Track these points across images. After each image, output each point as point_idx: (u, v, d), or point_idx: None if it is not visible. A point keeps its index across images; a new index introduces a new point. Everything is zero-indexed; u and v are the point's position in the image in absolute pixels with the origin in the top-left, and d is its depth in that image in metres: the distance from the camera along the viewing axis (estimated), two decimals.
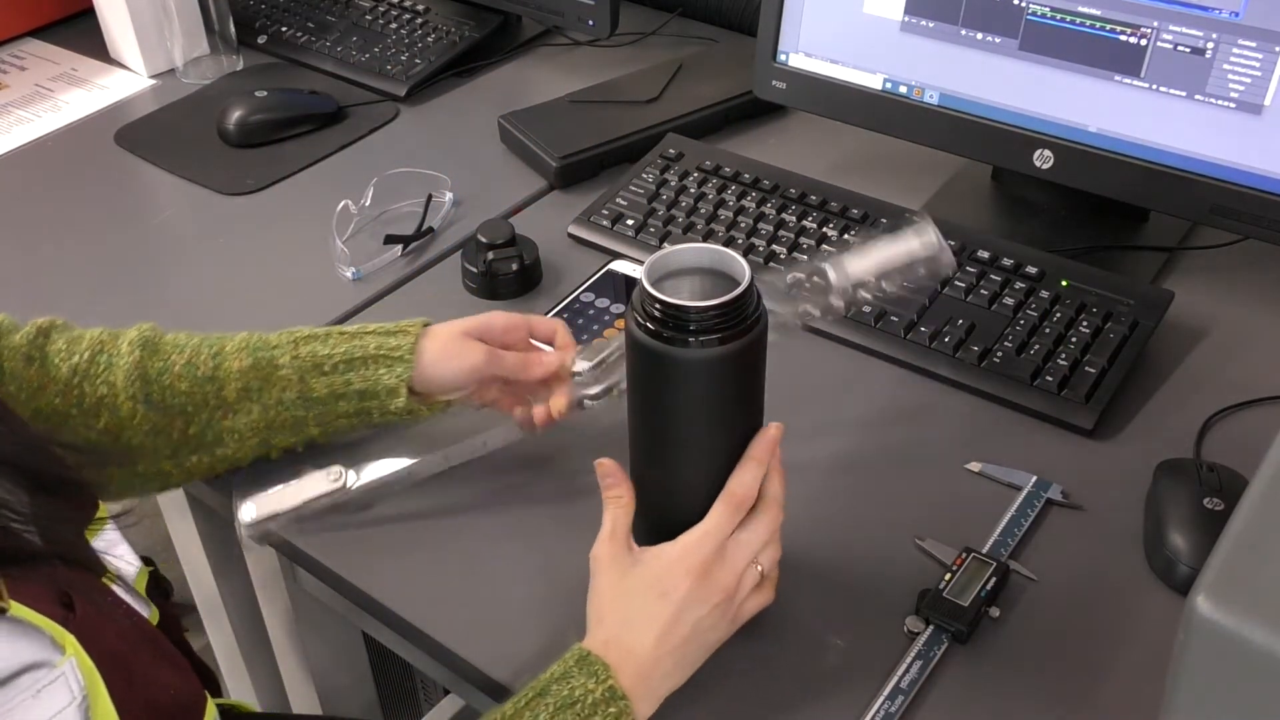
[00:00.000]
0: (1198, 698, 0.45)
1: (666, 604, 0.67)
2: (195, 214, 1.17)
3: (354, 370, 0.79)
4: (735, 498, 0.68)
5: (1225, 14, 0.88)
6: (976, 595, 0.75)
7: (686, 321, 0.63)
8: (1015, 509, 0.82)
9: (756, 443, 0.69)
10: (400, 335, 0.80)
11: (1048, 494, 0.83)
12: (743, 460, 0.69)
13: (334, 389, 0.79)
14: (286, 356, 0.79)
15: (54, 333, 0.80)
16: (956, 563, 0.77)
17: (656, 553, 0.68)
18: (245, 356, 0.79)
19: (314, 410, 0.80)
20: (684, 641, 0.67)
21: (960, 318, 0.95)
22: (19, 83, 1.38)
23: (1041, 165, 1.00)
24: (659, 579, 0.67)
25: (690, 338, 0.63)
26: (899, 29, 1.03)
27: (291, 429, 0.81)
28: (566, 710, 0.64)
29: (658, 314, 0.64)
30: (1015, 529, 0.80)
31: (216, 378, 0.78)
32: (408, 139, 1.26)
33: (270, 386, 0.79)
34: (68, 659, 0.55)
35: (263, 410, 0.79)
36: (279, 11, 1.46)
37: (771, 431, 0.69)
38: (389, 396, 0.79)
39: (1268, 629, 0.41)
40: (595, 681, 0.64)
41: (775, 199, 1.08)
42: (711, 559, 0.67)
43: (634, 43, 1.41)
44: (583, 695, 0.64)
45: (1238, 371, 0.93)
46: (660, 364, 0.65)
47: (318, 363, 0.79)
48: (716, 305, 0.63)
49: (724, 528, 0.68)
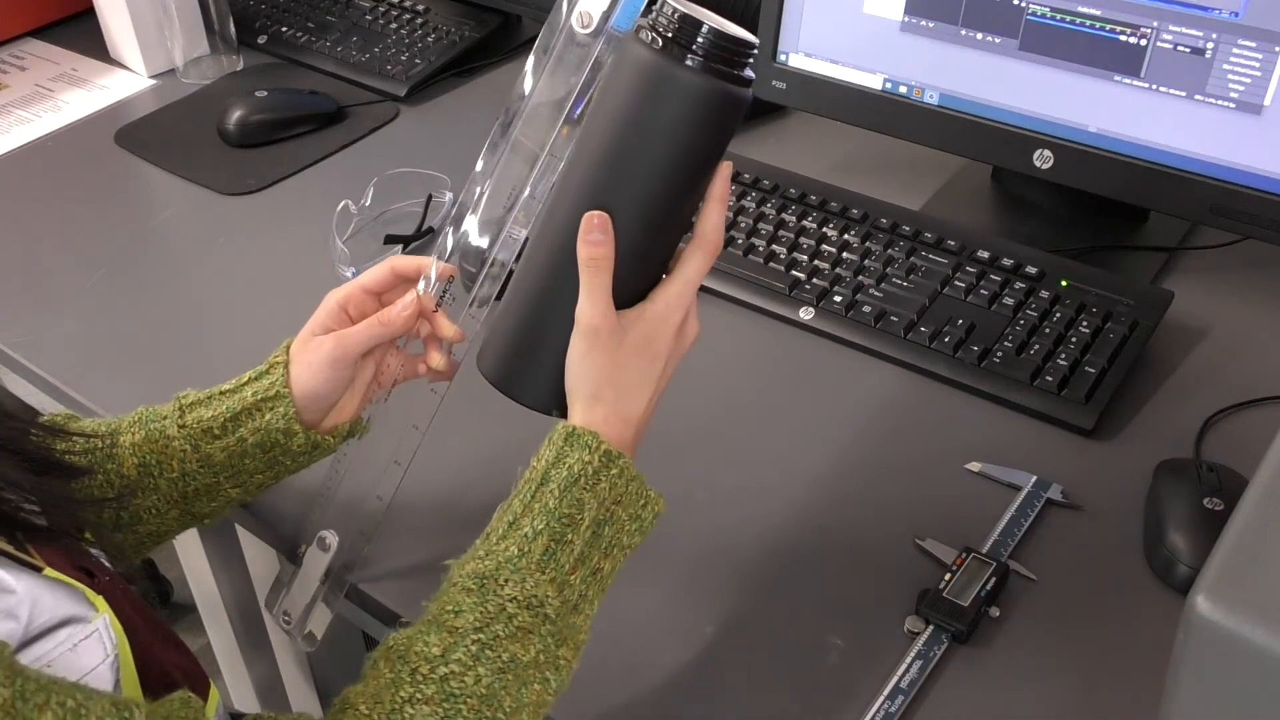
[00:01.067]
0: (1198, 698, 0.45)
1: (657, 364, 0.67)
2: (195, 214, 1.17)
3: (242, 425, 0.76)
4: (709, 242, 0.66)
5: (1225, 14, 0.88)
6: (976, 595, 0.75)
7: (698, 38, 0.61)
8: (1015, 509, 0.82)
9: (716, 182, 0.66)
10: (271, 371, 0.76)
11: (1048, 494, 0.83)
12: (708, 202, 0.66)
13: (230, 450, 0.76)
14: (174, 427, 0.76)
15: None
16: (956, 563, 0.77)
17: (639, 313, 0.66)
18: (136, 430, 0.76)
19: (223, 474, 0.77)
20: (661, 391, 0.68)
21: (960, 318, 0.95)
22: (19, 83, 1.38)
23: (1041, 165, 1.00)
24: (649, 341, 0.66)
25: (700, 58, 0.61)
26: (899, 29, 1.03)
27: (207, 495, 0.77)
28: (572, 488, 0.64)
29: (675, 25, 0.61)
30: (1015, 529, 0.80)
31: (115, 456, 0.76)
32: (408, 139, 1.26)
33: (169, 459, 0.76)
34: (100, 616, 0.56)
35: (169, 485, 0.76)
36: (279, 11, 1.46)
37: (726, 170, 0.66)
38: (287, 439, 0.76)
39: (1268, 629, 0.41)
40: (589, 452, 0.64)
41: (775, 199, 1.08)
42: (690, 310, 0.67)
43: None
44: (581, 469, 0.64)
45: (1238, 371, 0.93)
46: (660, 84, 0.61)
47: (205, 428, 0.76)
48: (733, 33, 0.61)
49: (699, 273, 0.67)
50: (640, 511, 0.66)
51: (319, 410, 0.77)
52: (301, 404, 0.75)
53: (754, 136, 1.24)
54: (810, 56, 1.09)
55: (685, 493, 0.84)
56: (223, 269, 1.09)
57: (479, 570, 0.63)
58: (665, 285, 0.66)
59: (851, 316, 0.97)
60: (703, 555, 0.80)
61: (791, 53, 1.10)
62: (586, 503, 0.64)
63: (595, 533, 0.64)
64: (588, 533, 0.64)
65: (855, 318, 0.97)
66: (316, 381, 0.75)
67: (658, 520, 0.67)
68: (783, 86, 1.11)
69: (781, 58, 1.10)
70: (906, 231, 1.02)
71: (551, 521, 0.63)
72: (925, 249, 1.01)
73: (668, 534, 0.81)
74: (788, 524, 0.82)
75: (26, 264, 1.10)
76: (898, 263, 1.00)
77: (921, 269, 0.99)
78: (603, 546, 0.64)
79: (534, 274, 0.67)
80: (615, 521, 0.65)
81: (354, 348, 0.75)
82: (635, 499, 0.65)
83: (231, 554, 1.12)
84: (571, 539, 0.63)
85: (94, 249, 1.12)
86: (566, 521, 0.63)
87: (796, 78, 1.10)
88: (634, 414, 0.66)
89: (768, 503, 0.84)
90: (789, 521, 0.83)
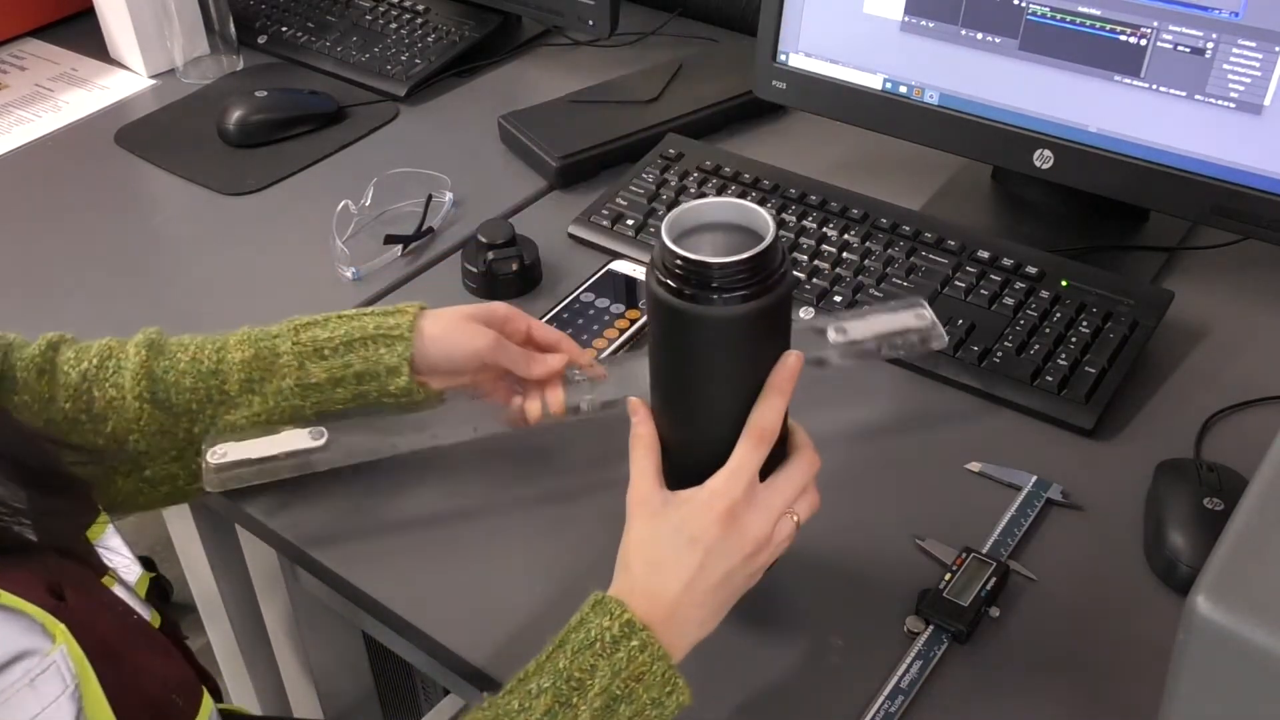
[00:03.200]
0: (1198, 698, 0.45)
1: (695, 550, 0.64)
2: (195, 214, 1.17)
3: (353, 351, 0.79)
4: (757, 430, 0.65)
5: (1225, 14, 0.88)
6: (976, 595, 0.75)
7: (709, 278, 0.60)
8: (1015, 509, 0.82)
9: (776, 373, 0.65)
10: (399, 314, 0.80)
11: (1048, 494, 0.83)
12: (763, 393, 0.65)
13: (332, 373, 0.79)
14: (287, 344, 0.79)
15: (63, 346, 0.81)
16: (956, 563, 0.77)
17: (686, 496, 0.66)
18: (247, 348, 0.79)
19: (311, 398, 0.79)
20: (712, 590, 0.65)
21: (960, 318, 0.95)
22: (19, 83, 1.38)
23: (1041, 165, 1.00)
24: (687, 523, 0.65)
25: (714, 295, 0.61)
26: (899, 29, 1.03)
27: (289, 419, 0.80)
28: (585, 652, 0.62)
29: (679, 270, 0.61)
30: (1015, 529, 0.80)
31: (220, 370, 0.79)
32: (408, 139, 1.26)
33: (271, 376, 0.79)
34: (58, 647, 0.55)
35: (262, 401, 0.79)
36: (279, 11, 1.46)
37: (791, 361, 0.65)
38: (389, 376, 0.78)
39: (1268, 629, 0.41)
40: (610, 619, 0.63)
41: (775, 199, 1.08)
42: (741, 502, 0.65)
43: (634, 43, 1.41)
44: (599, 635, 0.62)
45: (1238, 371, 0.93)
46: (682, 322, 0.62)
47: (317, 347, 0.79)
48: (741, 261, 0.60)
49: (750, 464, 0.65)
50: (664, 698, 0.63)
51: (429, 370, 0.80)
52: (419, 355, 0.79)
53: (754, 136, 1.24)
54: (810, 56, 1.09)
55: None
56: (223, 269, 1.09)
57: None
58: (717, 474, 0.66)
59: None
60: None
61: (791, 53, 1.10)
62: (600, 669, 0.62)
63: (608, 706, 0.61)
64: (597, 702, 0.61)
65: None
66: (453, 352, 0.80)
67: (681, 711, 0.64)
68: (783, 86, 1.11)
69: (781, 58, 1.10)
70: (906, 231, 1.02)
71: (559, 682, 0.62)
72: (925, 249, 1.01)
73: None
74: None
75: (26, 264, 1.10)
76: (898, 263, 1.00)
77: (921, 269, 0.99)
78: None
79: None
80: (634, 700, 0.62)
81: (503, 359, 0.79)
82: (659, 682, 0.63)
83: (231, 554, 1.12)
84: (577, 703, 0.61)
85: (94, 249, 1.12)
86: (574, 685, 0.62)
87: (796, 78, 1.10)
88: (663, 594, 0.64)
89: None
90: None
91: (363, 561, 0.80)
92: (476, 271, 1.02)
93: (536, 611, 0.76)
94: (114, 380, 0.78)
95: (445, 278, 1.06)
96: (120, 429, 0.78)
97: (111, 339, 0.81)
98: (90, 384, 0.78)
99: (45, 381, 0.78)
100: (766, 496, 0.66)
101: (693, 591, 0.64)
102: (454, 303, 1.02)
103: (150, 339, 0.80)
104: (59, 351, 0.80)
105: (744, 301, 0.61)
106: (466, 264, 1.03)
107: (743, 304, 0.61)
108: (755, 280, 0.61)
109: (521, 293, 1.03)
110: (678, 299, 0.62)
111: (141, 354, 0.79)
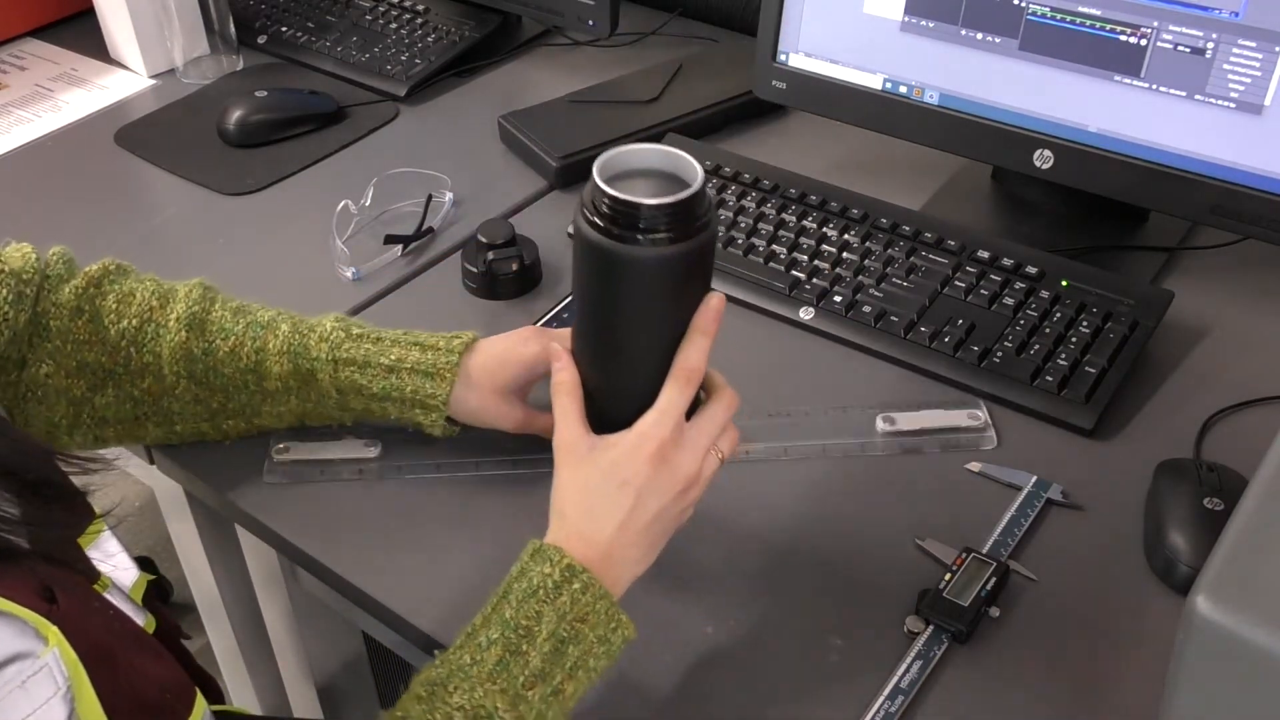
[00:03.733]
0: (1198, 698, 0.45)
1: (627, 492, 0.66)
2: (195, 214, 1.17)
3: (390, 404, 0.81)
4: (685, 372, 0.67)
5: (1225, 14, 0.88)
6: (976, 595, 0.75)
7: (637, 219, 0.62)
8: (1015, 509, 0.82)
9: (701, 314, 0.67)
10: (436, 381, 0.80)
11: (1048, 494, 0.83)
12: (689, 334, 0.67)
13: (370, 409, 0.82)
14: (326, 376, 0.81)
15: (106, 284, 0.82)
16: (956, 563, 0.77)
17: (614, 440, 0.68)
18: (286, 361, 0.81)
19: (348, 408, 0.83)
20: (645, 529, 0.67)
21: (960, 318, 0.95)
22: (19, 83, 1.38)
23: (1041, 165, 1.00)
24: (617, 466, 0.67)
25: (640, 235, 0.62)
26: (899, 29, 1.03)
27: (327, 420, 0.85)
28: (529, 600, 0.64)
29: (608, 210, 0.63)
30: (1015, 529, 0.80)
31: (258, 372, 0.81)
32: (408, 139, 1.26)
33: (309, 390, 0.82)
34: (51, 649, 0.55)
35: (300, 403, 0.82)
36: (279, 11, 1.46)
37: (714, 302, 0.67)
38: (424, 414, 0.82)
39: (1268, 629, 0.41)
40: (550, 565, 0.64)
41: (775, 199, 1.08)
42: (669, 442, 0.67)
43: (634, 43, 1.41)
44: (541, 582, 0.64)
45: (1238, 371, 0.93)
46: (608, 262, 0.64)
47: (356, 388, 0.81)
48: (668, 204, 0.62)
49: (678, 405, 0.67)
50: (610, 634, 0.65)
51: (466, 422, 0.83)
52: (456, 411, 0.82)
53: (754, 136, 1.24)
54: (810, 56, 1.09)
55: None
56: (223, 269, 1.09)
57: (430, 678, 0.63)
58: (646, 415, 0.67)
59: (851, 316, 0.97)
60: (703, 555, 0.80)
61: (791, 53, 1.10)
62: (545, 615, 0.64)
63: (557, 649, 0.64)
64: (546, 646, 0.63)
65: (855, 318, 0.97)
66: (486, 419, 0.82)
67: (626, 645, 0.67)
68: (783, 86, 1.11)
69: (781, 58, 1.10)
70: (906, 231, 1.02)
71: (507, 631, 0.64)
72: (925, 249, 1.01)
73: None
74: (788, 524, 0.82)
75: None
76: (898, 263, 1.00)
77: (921, 269, 0.99)
78: (567, 666, 0.64)
79: None
80: (582, 641, 0.64)
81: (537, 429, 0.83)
82: (604, 620, 0.65)
83: (231, 554, 1.12)
84: (526, 650, 0.63)
85: (94, 249, 1.11)
86: (522, 633, 0.63)
87: (796, 78, 1.10)
88: (598, 536, 0.66)
89: (768, 502, 0.84)
90: (789, 521, 0.83)
91: (363, 561, 0.80)
92: (476, 271, 1.02)
93: None
94: (152, 348, 0.80)
95: (445, 278, 1.06)
96: (155, 390, 0.81)
97: (154, 294, 0.82)
98: (129, 344, 0.80)
99: (83, 323, 0.80)
100: (693, 436, 0.68)
101: (627, 531, 0.66)
102: (454, 302, 1.03)
103: (192, 314, 0.81)
104: (102, 291, 0.81)
105: (670, 244, 0.63)
106: (466, 264, 1.03)
107: (669, 246, 0.63)
108: (681, 223, 0.63)
109: (521, 293, 1.03)
110: (605, 239, 0.63)
111: (182, 334, 0.80)
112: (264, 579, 1.08)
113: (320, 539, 0.82)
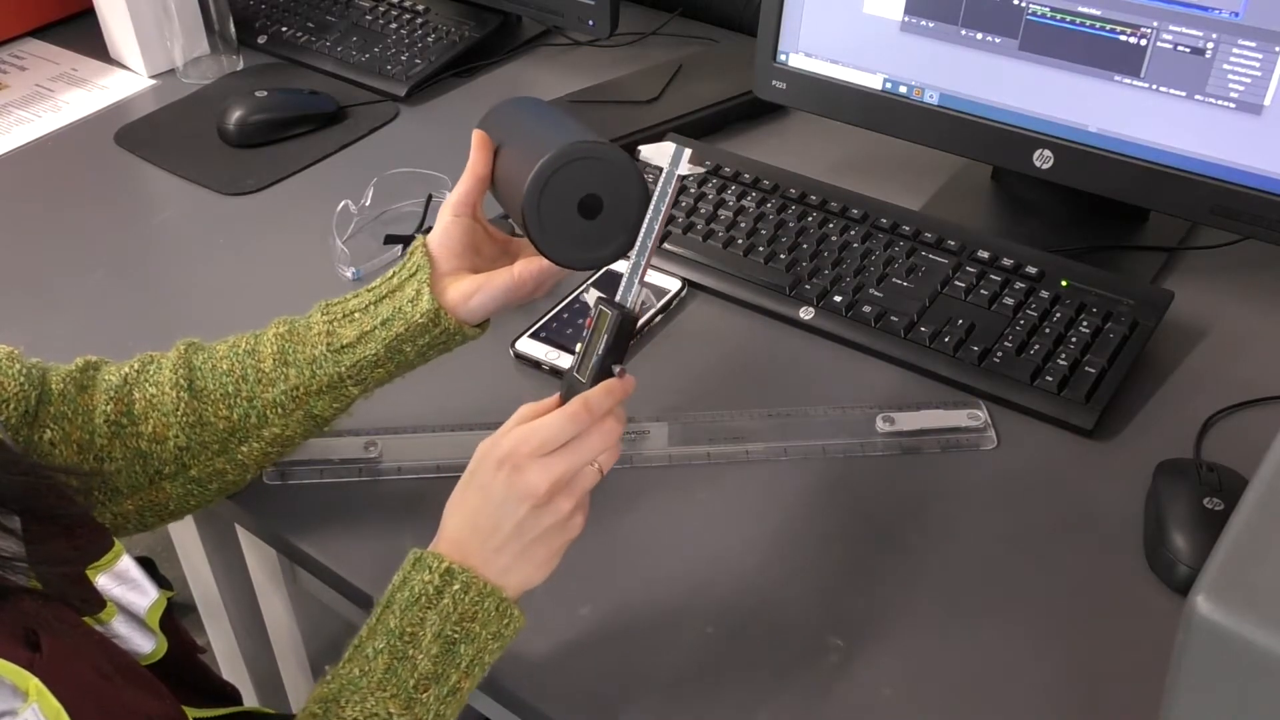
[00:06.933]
0: (1198, 698, 0.45)
1: (486, 495, 0.66)
2: (195, 214, 1.17)
3: (380, 303, 0.79)
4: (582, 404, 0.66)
5: (1225, 14, 0.88)
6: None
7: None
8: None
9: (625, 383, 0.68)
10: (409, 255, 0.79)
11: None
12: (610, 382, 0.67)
13: (361, 327, 0.78)
14: (319, 315, 0.79)
15: (100, 364, 0.81)
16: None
17: (485, 448, 0.68)
18: (282, 324, 0.80)
19: (345, 361, 0.78)
20: (510, 537, 0.66)
21: (960, 318, 0.95)
22: (19, 83, 1.38)
23: (1041, 165, 1.00)
24: (471, 474, 0.68)
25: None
26: (899, 29, 1.03)
27: (330, 391, 0.79)
28: (412, 607, 0.65)
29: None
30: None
31: (256, 350, 0.79)
32: (408, 139, 1.26)
33: (304, 345, 0.78)
34: (30, 705, 0.55)
35: (298, 372, 0.78)
36: (279, 11, 1.46)
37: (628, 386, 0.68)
38: (413, 306, 0.77)
39: (1268, 629, 0.41)
40: (429, 572, 0.65)
41: (775, 199, 1.08)
42: (525, 455, 0.65)
43: (634, 43, 1.41)
44: (423, 589, 0.65)
45: (1238, 371, 0.93)
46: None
47: (347, 311, 0.79)
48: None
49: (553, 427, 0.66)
50: (504, 630, 0.66)
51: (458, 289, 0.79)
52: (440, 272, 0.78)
53: (754, 136, 1.24)
54: (810, 56, 1.09)
55: (685, 492, 0.84)
56: (223, 269, 1.09)
57: (323, 695, 0.64)
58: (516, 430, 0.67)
59: (851, 316, 0.97)
60: (703, 555, 0.80)
61: (791, 53, 1.10)
62: (429, 619, 0.64)
63: (447, 650, 0.64)
64: (434, 649, 0.64)
65: (855, 318, 0.97)
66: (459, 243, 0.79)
67: (516, 634, 0.67)
68: (783, 86, 1.11)
69: (781, 58, 1.11)
70: (906, 231, 1.02)
71: (392, 640, 0.64)
72: (925, 249, 1.01)
73: (668, 533, 0.81)
74: (788, 523, 0.82)
75: (26, 264, 1.10)
76: (898, 263, 1.00)
77: (921, 269, 0.99)
78: (462, 666, 0.65)
79: None
80: (474, 639, 0.65)
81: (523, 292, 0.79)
82: (496, 616, 0.66)
83: (231, 554, 1.12)
84: (413, 655, 0.64)
85: (94, 249, 1.12)
86: (408, 639, 0.64)
87: (796, 78, 1.10)
88: (458, 538, 0.67)
89: (768, 502, 0.84)
90: (789, 521, 0.83)
91: (363, 561, 0.80)
92: None
93: (536, 611, 0.76)
94: (153, 379, 0.79)
95: None
96: (159, 426, 0.78)
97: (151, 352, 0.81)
98: (131, 386, 0.79)
99: (85, 396, 0.78)
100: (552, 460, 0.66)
101: (492, 538, 0.66)
102: None
103: (190, 341, 0.81)
104: (98, 369, 0.81)
105: None
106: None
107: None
108: None
109: None
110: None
111: (180, 349, 0.80)
112: (264, 579, 1.08)
113: (320, 539, 0.82)
